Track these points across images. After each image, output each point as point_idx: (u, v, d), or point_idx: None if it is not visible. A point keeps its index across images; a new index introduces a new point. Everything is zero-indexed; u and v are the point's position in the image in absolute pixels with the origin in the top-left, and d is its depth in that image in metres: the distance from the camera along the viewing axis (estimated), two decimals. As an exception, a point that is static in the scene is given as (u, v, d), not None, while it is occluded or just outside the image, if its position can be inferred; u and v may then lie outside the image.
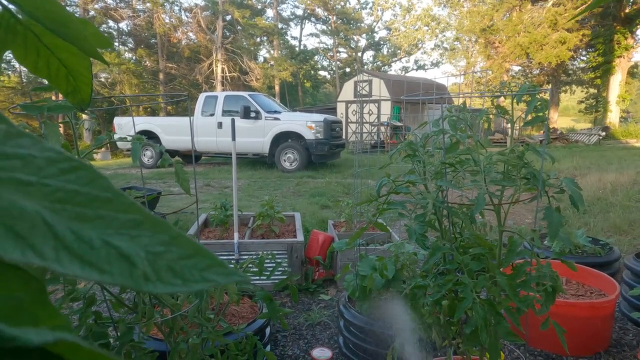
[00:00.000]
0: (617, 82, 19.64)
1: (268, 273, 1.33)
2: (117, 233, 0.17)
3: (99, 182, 0.18)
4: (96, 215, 0.17)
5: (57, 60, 0.36)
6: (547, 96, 1.20)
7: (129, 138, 1.00)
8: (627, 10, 18.87)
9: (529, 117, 1.21)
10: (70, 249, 0.16)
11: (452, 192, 1.31)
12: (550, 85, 23.25)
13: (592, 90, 23.91)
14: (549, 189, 1.18)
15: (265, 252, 1.66)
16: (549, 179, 1.15)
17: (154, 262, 0.17)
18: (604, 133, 16.81)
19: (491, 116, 1.32)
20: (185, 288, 0.17)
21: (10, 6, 0.32)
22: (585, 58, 22.69)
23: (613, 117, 19.92)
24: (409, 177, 1.13)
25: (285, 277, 1.62)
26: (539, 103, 1.13)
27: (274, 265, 1.36)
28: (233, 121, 2.99)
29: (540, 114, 1.18)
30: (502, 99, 1.34)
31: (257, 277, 2.35)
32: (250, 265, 1.31)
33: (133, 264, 0.17)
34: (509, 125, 1.29)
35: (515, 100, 1.28)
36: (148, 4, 22.65)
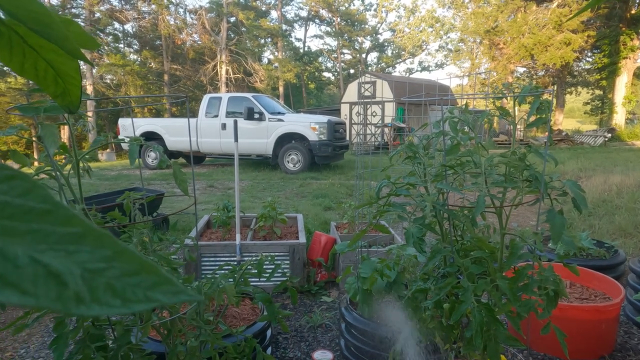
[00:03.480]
0: (622, 83, 19.50)
1: (267, 275, 1.33)
2: (51, 249, 0.16)
3: (36, 192, 0.17)
4: (28, 230, 0.16)
5: (44, 62, 0.36)
6: (549, 96, 1.19)
7: (127, 139, 0.99)
8: (633, 11, 18.74)
9: (532, 119, 1.20)
10: None
11: (454, 194, 1.30)
12: (555, 86, 23.13)
13: (598, 92, 23.77)
14: (552, 191, 1.17)
15: (264, 254, 1.65)
16: (552, 181, 1.14)
17: (91, 281, 0.15)
18: (609, 134, 16.70)
19: (495, 118, 1.31)
20: (124, 309, 0.15)
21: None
22: (590, 59, 22.57)
23: (619, 118, 19.78)
24: (409, 179, 1.12)
25: (288, 278, 1.61)
26: (541, 104, 1.12)
27: (274, 267, 1.36)
28: (235, 122, 2.98)
29: (543, 115, 1.17)
30: (506, 100, 1.33)
31: (257, 279, 2.34)
32: (249, 267, 1.30)
33: (63, 283, 0.15)
34: (521, 126, 1.28)
35: (518, 102, 1.27)
36: (153, 6, 22.76)
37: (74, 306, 0.15)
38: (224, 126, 9.46)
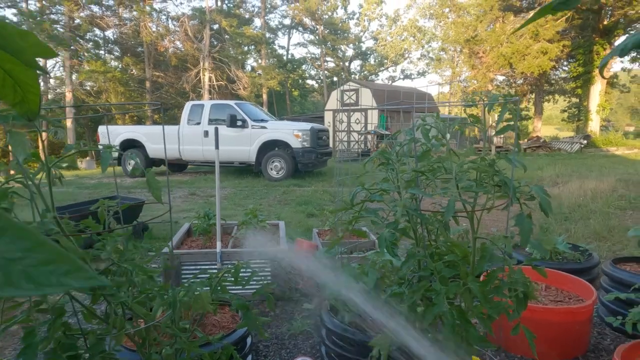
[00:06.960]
0: (597, 91, 20.14)
1: (245, 282, 1.33)
2: None
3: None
4: None
5: (2, 71, 0.37)
6: (523, 104, 1.23)
7: (101, 147, 0.99)
8: (605, 22, 19.43)
9: (501, 125, 1.24)
10: None
11: (428, 200, 1.32)
12: (534, 94, 23.72)
13: (574, 100, 24.45)
14: (522, 196, 1.21)
15: (240, 261, 1.65)
16: (520, 186, 1.17)
17: (7, 267, 0.17)
18: (585, 141, 17.20)
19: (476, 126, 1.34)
20: (37, 291, 0.17)
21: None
22: (566, 68, 23.24)
23: (594, 125, 20.39)
24: (382, 185, 1.15)
25: (264, 285, 1.61)
26: (508, 112, 1.16)
27: (250, 273, 1.36)
28: (217, 129, 2.97)
29: (511, 122, 1.21)
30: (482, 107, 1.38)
31: (241, 287, 2.33)
32: (226, 274, 1.30)
33: None
34: (492, 133, 1.32)
35: (487, 109, 1.31)
36: (135, 13, 22.56)
37: (-13, 288, 0.16)
38: (206, 133, 9.41)
